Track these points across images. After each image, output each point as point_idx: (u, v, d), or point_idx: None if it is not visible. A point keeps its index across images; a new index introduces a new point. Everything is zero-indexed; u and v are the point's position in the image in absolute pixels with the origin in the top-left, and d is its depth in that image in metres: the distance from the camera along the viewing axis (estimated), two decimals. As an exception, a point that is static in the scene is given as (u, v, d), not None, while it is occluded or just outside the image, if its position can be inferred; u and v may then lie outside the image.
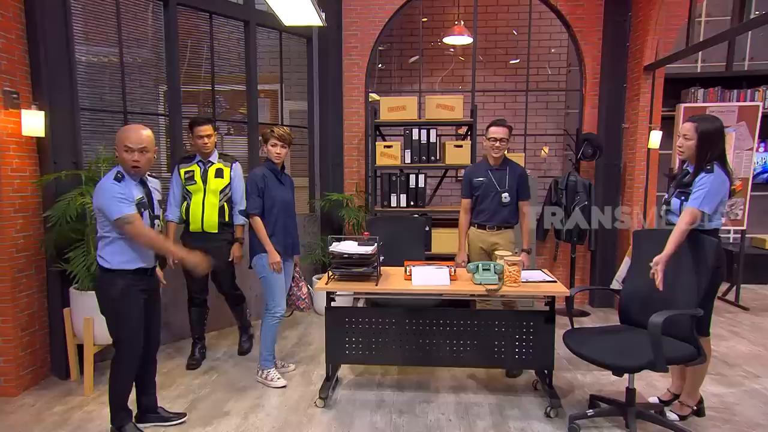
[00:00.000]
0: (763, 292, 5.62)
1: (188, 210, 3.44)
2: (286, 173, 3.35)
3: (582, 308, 4.92)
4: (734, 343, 4.02)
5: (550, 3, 4.91)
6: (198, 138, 3.39)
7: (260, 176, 3.17)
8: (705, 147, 2.56)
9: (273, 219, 3.19)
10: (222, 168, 3.49)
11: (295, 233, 3.36)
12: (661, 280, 2.46)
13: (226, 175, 3.49)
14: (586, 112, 5.04)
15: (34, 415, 2.88)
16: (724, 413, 2.89)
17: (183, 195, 3.47)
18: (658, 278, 2.46)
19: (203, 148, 3.42)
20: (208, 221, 3.44)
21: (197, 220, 3.44)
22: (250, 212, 3.16)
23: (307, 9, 3.03)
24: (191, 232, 3.46)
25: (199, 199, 3.44)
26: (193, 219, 3.44)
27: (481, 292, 2.82)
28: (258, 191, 3.14)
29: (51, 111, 3.15)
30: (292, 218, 3.34)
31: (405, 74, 6.42)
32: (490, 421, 2.81)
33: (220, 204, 3.48)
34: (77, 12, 3.40)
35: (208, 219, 3.44)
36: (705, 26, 6.12)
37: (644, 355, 2.34)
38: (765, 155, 5.93)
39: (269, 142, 3.18)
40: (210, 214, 3.44)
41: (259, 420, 2.83)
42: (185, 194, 3.46)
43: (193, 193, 3.44)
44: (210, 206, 3.44)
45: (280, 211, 3.21)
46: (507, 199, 3.46)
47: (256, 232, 3.16)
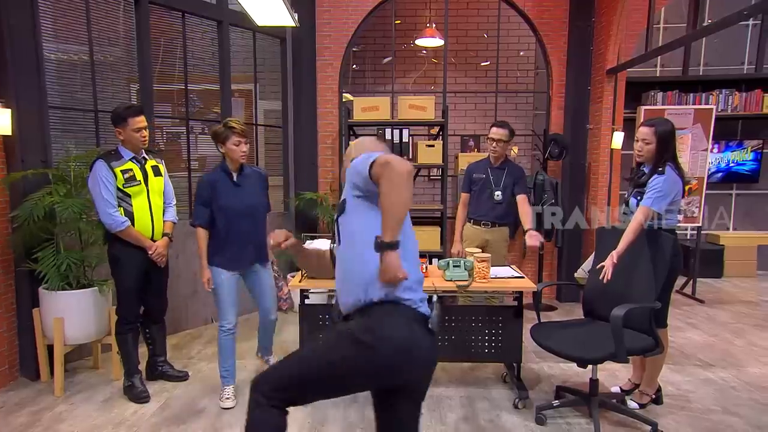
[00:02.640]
0: (717, 286, 5.91)
1: (131, 216, 2.93)
2: (251, 168, 3.04)
3: (550, 303, 5.08)
4: (690, 334, 4.24)
5: (518, 8, 5.05)
6: (135, 131, 2.88)
7: (206, 184, 2.86)
8: (663, 148, 2.71)
9: (220, 231, 2.87)
10: (157, 165, 3.09)
11: (259, 239, 2.97)
12: (610, 274, 2.59)
13: (162, 171, 3.12)
14: (553, 113, 5.21)
15: (2, 416, 2.83)
16: (680, 401, 3.06)
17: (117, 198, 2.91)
18: (608, 271, 2.59)
19: (141, 143, 2.94)
20: (158, 227, 3.06)
21: (146, 226, 2.99)
22: (194, 223, 2.88)
23: (279, 10, 3.06)
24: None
25: (144, 202, 2.98)
26: (142, 226, 2.97)
27: (452, 288, 2.91)
28: (202, 200, 2.84)
29: (18, 109, 3.09)
30: (256, 222, 2.97)
31: (378, 75, 6.48)
32: (461, 413, 2.91)
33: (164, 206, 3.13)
34: (45, 9, 3.34)
35: (158, 224, 3.05)
36: (663, 33, 6.39)
37: (606, 347, 2.45)
38: (719, 156, 6.24)
39: (230, 140, 2.81)
40: (159, 219, 3.06)
41: (234, 418, 2.85)
42: (120, 197, 2.90)
43: (133, 195, 2.93)
44: (157, 209, 3.05)
45: (231, 222, 2.87)
46: (499, 197, 3.60)
47: (197, 243, 2.90)
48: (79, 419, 2.81)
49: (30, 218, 2.97)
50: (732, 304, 5.18)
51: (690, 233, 6.36)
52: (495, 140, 3.58)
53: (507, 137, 3.59)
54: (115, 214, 2.87)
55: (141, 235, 2.98)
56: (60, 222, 3.12)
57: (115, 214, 2.86)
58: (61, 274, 3.05)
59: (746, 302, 5.24)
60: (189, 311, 4.28)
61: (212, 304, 4.37)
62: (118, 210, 2.88)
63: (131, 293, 3.01)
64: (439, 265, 3.04)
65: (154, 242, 3.03)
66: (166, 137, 4.47)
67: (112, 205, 2.86)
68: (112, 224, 2.87)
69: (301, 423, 2.79)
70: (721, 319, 4.66)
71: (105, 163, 2.86)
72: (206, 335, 4.18)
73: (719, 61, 6.39)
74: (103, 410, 2.92)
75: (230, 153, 2.84)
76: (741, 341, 4.08)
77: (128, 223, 2.91)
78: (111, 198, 2.86)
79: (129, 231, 2.92)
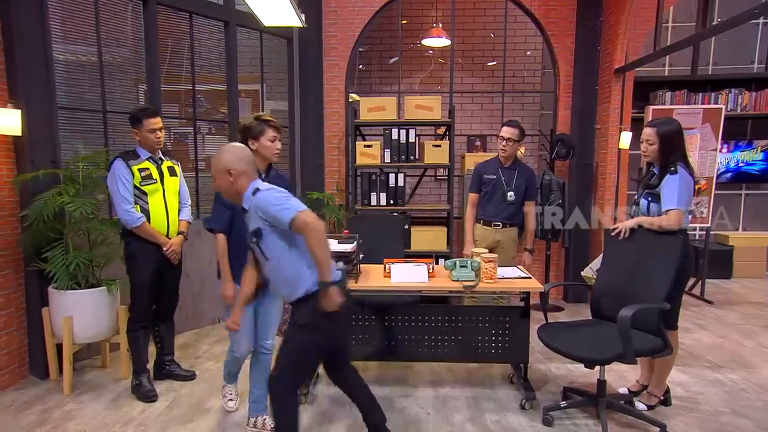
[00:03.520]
0: (726, 286, 5.86)
1: (147, 214, 2.98)
2: (277, 170, 2.70)
3: (556, 303, 5.06)
4: (699, 336, 4.20)
5: (525, 7, 5.04)
6: (150, 132, 2.95)
7: None
8: (667, 149, 2.69)
9: (241, 240, 2.43)
10: (173, 166, 3.16)
11: None
12: (626, 232, 2.78)
13: (177, 172, 3.18)
14: (560, 113, 5.19)
15: (12, 415, 2.86)
16: (689, 402, 3.03)
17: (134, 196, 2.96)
18: (625, 228, 2.77)
19: (156, 144, 3.01)
20: (174, 226, 3.10)
21: (161, 224, 3.04)
22: (214, 228, 2.54)
23: (286, 10, 3.07)
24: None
25: (159, 201, 3.04)
26: (158, 224, 3.02)
27: (459, 288, 2.90)
28: (224, 201, 2.39)
29: (28, 110, 3.12)
30: None
31: (384, 75, 6.48)
32: (467, 414, 2.90)
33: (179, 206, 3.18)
34: (55, 11, 3.36)
35: (173, 223, 3.10)
36: (672, 31, 6.34)
37: (614, 347, 2.43)
38: (728, 156, 6.19)
39: (265, 135, 2.51)
40: (174, 218, 3.11)
41: (240, 416, 2.86)
42: (137, 195, 2.96)
43: (150, 193, 2.99)
44: (172, 209, 3.10)
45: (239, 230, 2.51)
46: (512, 198, 3.60)
47: (217, 252, 2.55)
48: (87, 417, 2.83)
49: (39, 218, 3.00)
50: (741, 305, 5.13)
51: (699, 233, 6.31)
52: (504, 139, 3.58)
53: (517, 137, 3.59)
54: (132, 211, 2.92)
55: (156, 232, 3.02)
56: (69, 222, 3.15)
57: (131, 211, 2.92)
58: (69, 274, 3.07)
59: (755, 303, 5.19)
60: (196, 311, 4.30)
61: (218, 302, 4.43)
62: (134, 207, 2.94)
63: (146, 291, 3.05)
64: (445, 265, 3.03)
65: (169, 239, 3.08)
66: (174, 138, 4.49)
67: (129, 201, 2.92)
68: (128, 220, 2.92)
69: (308, 422, 2.79)
70: (730, 320, 4.62)
71: (123, 161, 2.94)
72: (213, 335, 4.20)
73: (729, 60, 6.34)
74: (111, 409, 2.94)
75: (263, 150, 2.53)
76: (750, 342, 4.04)
77: (144, 219, 2.96)
78: (128, 195, 2.92)
79: (145, 227, 2.97)
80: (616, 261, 2.87)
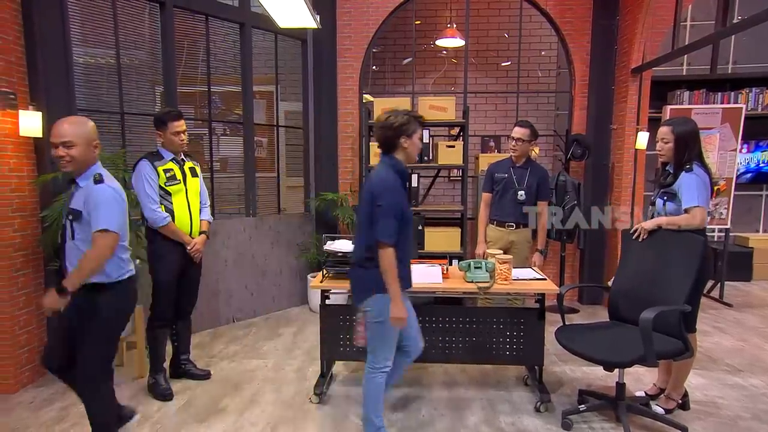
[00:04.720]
0: (746, 289, 5.76)
1: (171, 214, 3.05)
2: None
3: (571, 305, 5.01)
4: (718, 339, 4.13)
5: (540, 6, 5.00)
6: (174, 134, 3.02)
7: (400, 189, 2.28)
8: (682, 148, 2.66)
9: (401, 247, 2.26)
10: (194, 167, 3.21)
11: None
12: (645, 233, 2.76)
13: (198, 173, 3.24)
14: (575, 114, 5.14)
15: (33, 411, 2.91)
16: (708, 407, 2.99)
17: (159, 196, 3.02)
18: (643, 230, 2.76)
19: (180, 146, 3.08)
20: (196, 225, 3.17)
21: (185, 223, 3.10)
22: (385, 241, 2.19)
23: (301, 11, 3.09)
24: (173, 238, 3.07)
25: (183, 201, 3.09)
26: (182, 223, 3.08)
27: (473, 289, 2.89)
28: (395, 211, 2.18)
29: (48, 112, 3.17)
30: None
31: (398, 76, 6.48)
32: (481, 416, 2.88)
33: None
34: (74, 14, 3.42)
35: (196, 223, 3.17)
36: (690, 30, 6.24)
37: (635, 350, 2.41)
38: (748, 156, 6.07)
39: (417, 134, 2.33)
40: (197, 218, 3.18)
41: (255, 416, 2.88)
42: (162, 195, 3.02)
43: (174, 194, 3.05)
44: (195, 208, 3.17)
45: (408, 232, 2.33)
46: (522, 197, 3.57)
47: (385, 269, 2.21)
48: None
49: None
50: (761, 308, 5.03)
51: (718, 235, 6.20)
52: (515, 139, 3.56)
53: (528, 137, 3.56)
54: (158, 210, 2.98)
55: (181, 231, 3.07)
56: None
57: (157, 210, 2.97)
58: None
59: (777, 306, 5.09)
60: (211, 310, 4.33)
61: (233, 302, 4.48)
62: (160, 207, 2.99)
63: (169, 290, 3.10)
64: (460, 266, 3.02)
65: (193, 238, 3.13)
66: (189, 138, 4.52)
67: (154, 201, 2.97)
68: (155, 219, 2.97)
69: (321, 421, 2.80)
70: (750, 324, 4.53)
71: (149, 162, 3.00)
72: (228, 334, 4.23)
73: (749, 59, 6.22)
74: (128, 407, 2.97)
75: (413, 148, 2.34)
76: (771, 346, 3.97)
77: (169, 219, 3.01)
78: (154, 195, 2.97)
79: (170, 226, 3.02)
80: (634, 262, 2.84)
